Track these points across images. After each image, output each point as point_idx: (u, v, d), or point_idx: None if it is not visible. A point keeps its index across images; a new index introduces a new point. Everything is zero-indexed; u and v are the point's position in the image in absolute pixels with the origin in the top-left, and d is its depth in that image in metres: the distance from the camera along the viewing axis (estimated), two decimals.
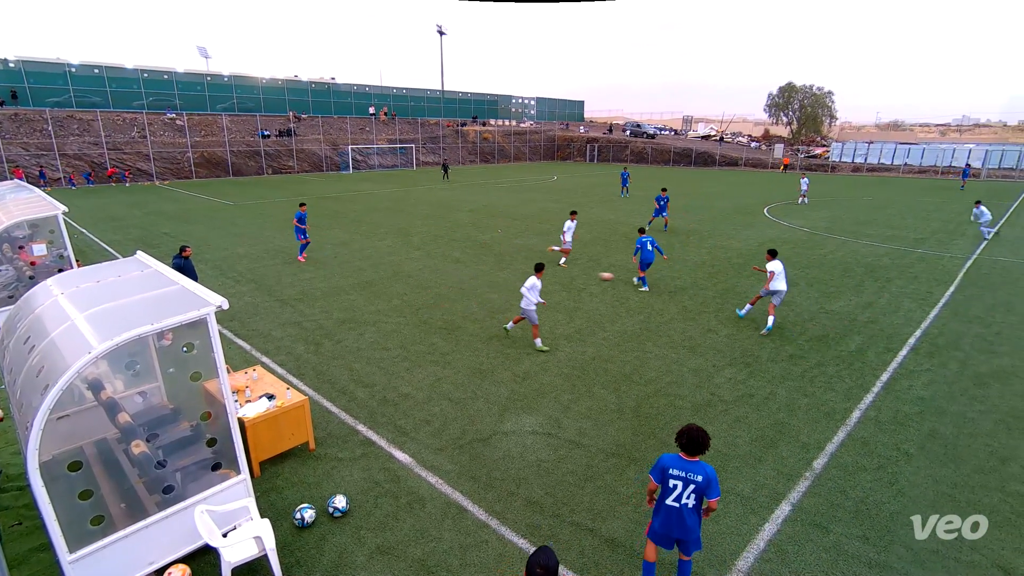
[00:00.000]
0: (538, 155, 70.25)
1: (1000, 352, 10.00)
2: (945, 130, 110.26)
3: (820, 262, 16.89)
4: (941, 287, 14.19)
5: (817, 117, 79.96)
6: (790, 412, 7.87)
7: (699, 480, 4.40)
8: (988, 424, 7.57)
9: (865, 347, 10.21)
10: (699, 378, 8.89)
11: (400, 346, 10.16)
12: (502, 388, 8.55)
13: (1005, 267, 16.50)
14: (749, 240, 20.14)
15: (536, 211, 26.90)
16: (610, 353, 9.85)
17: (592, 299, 12.95)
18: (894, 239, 20.78)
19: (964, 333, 10.95)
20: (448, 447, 7.05)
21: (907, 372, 9.17)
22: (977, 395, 8.39)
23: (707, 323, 11.40)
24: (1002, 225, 23.88)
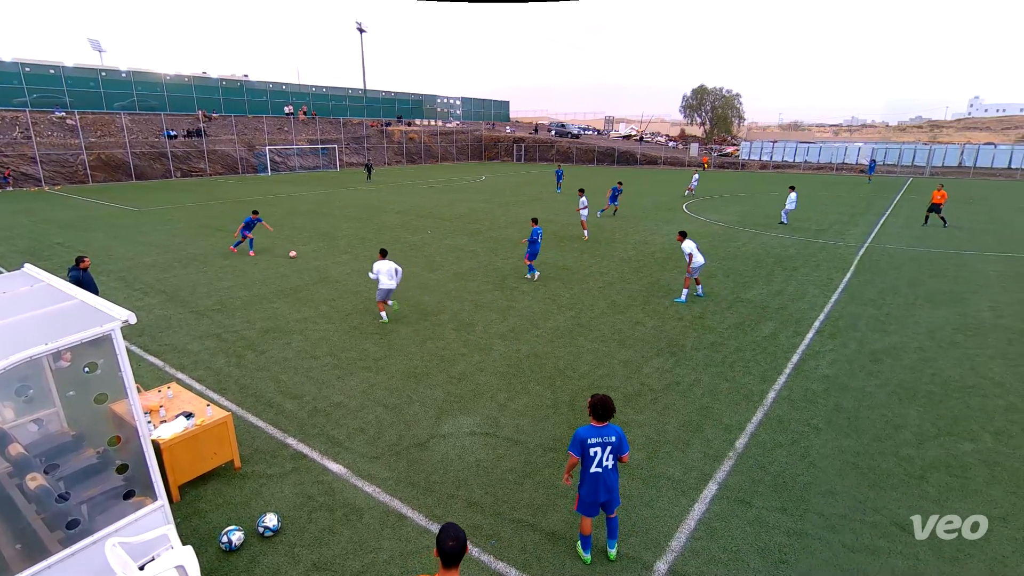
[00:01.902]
0: (465, 155, 70.06)
1: (890, 331, 11.07)
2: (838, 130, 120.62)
3: (735, 254, 17.96)
4: (839, 274, 15.50)
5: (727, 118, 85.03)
6: (713, 397, 8.33)
7: (613, 440, 4.92)
8: (883, 396, 8.36)
9: (777, 332, 10.98)
10: (629, 369, 9.21)
11: (330, 354, 9.82)
12: (438, 391, 8.46)
13: (891, 254, 18.28)
14: (670, 235, 21.09)
15: (466, 211, 26.83)
16: (544, 350, 9.99)
17: (524, 297, 13.09)
18: (798, 231, 22.46)
19: (860, 315, 12.02)
20: (384, 454, 6.89)
21: (814, 353, 9.95)
22: (873, 370, 9.24)
23: (635, 316, 11.83)
24: (888, 216, 26.42)
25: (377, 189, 37.19)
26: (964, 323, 11.54)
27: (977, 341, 10.55)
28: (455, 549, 3.25)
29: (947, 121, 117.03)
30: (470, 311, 12.06)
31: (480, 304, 12.54)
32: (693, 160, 63.92)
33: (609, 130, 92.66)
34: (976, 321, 11.66)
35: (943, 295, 13.54)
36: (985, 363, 9.54)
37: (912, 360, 9.65)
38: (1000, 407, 8.05)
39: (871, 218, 25.98)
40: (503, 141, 72.24)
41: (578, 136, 73.62)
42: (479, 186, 39.64)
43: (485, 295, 13.20)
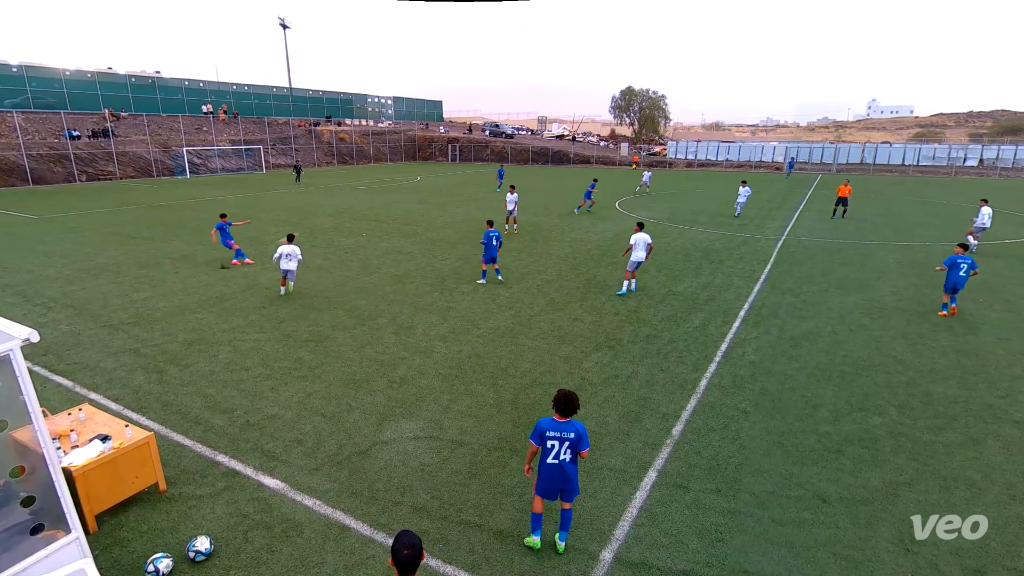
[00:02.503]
0: (399, 155, 68.90)
1: (807, 317, 11.88)
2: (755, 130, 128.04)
3: (665, 249, 18.69)
4: (761, 265, 16.47)
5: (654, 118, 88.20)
6: (650, 387, 8.63)
7: (572, 436, 5.01)
8: (802, 378, 8.96)
9: (707, 322, 11.52)
10: (569, 365, 9.37)
11: (262, 364, 9.38)
12: (378, 396, 8.28)
13: (805, 246, 19.61)
14: (604, 232, 21.66)
15: (401, 212, 26.40)
16: (485, 350, 10.00)
17: (464, 298, 13.03)
18: (723, 225, 23.67)
19: (780, 303, 12.82)
20: (324, 465, 6.66)
21: (740, 341, 10.52)
22: (793, 354, 9.89)
23: (573, 312, 12.06)
24: (802, 210, 28.33)
25: (307, 191, 35.88)
26: (870, 307, 12.55)
27: (881, 323, 11.52)
28: (410, 557, 3.19)
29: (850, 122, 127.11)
30: (409, 314, 11.87)
31: (419, 306, 12.37)
32: (624, 159, 65.89)
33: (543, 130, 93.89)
34: (880, 305, 12.72)
35: (851, 282, 14.68)
36: (888, 343, 10.43)
37: (826, 343, 10.40)
38: (902, 382, 8.82)
39: (787, 212, 27.76)
40: (437, 141, 71.61)
41: (512, 136, 74.12)
42: (414, 187, 39.10)
43: (424, 297, 13.05)
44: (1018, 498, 6.08)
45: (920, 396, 8.37)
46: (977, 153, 58.28)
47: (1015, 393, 8.44)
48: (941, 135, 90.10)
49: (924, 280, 14.91)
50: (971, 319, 11.74)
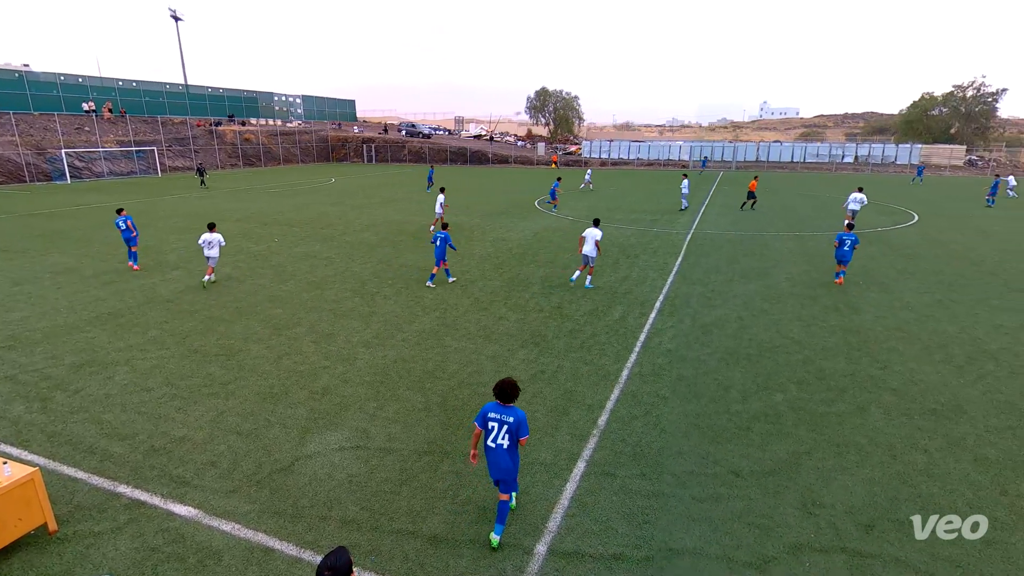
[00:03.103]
0: (311, 157, 66.11)
1: (716, 305, 12.70)
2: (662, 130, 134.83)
3: None
4: (672, 258, 17.39)
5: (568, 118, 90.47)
6: (576, 380, 8.86)
7: (511, 421, 5.20)
8: (714, 363, 9.57)
9: (626, 314, 12.00)
10: (497, 364, 9.43)
11: (166, 383, 8.68)
12: (299, 409, 7.91)
13: (711, 238, 20.94)
14: (525, 231, 21.97)
15: (316, 216, 25.36)
16: (411, 353, 9.84)
17: (387, 302, 12.75)
18: (637, 221, 24.74)
19: (691, 293, 13.61)
20: (243, 486, 6.27)
21: (657, 331, 11.06)
22: (705, 341, 10.53)
23: (498, 311, 12.14)
24: (707, 205, 30.20)
25: (211, 196, 33.56)
26: (769, 293, 13.62)
27: (779, 308, 12.53)
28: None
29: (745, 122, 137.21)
30: (329, 321, 11.44)
31: (340, 313, 11.96)
32: (541, 158, 67.13)
33: (460, 130, 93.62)
34: (777, 291, 13.83)
35: (753, 271, 15.85)
36: (787, 325, 11.37)
37: (734, 328, 11.17)
38: (799, 361, 9.65)
39: (694, 208, 29.49)
40: (351, 141, 69.46)
41: (430, 136, 73.34)
42: (328, 189, 37.69)
43: (345, 303, 12.62)
44: (898, 457, 6.84)
45: (815, 372, 9.19)
46: (853, 151, 64.92)
47: (891, 364, 9.49)
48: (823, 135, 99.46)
49: (813, 266, 16.38)
50: (854, 300, 13.05)
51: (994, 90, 68.35)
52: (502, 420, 5.22)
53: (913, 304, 12.73)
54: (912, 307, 12.52)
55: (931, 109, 72.91)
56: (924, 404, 8.12)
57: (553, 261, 16.92)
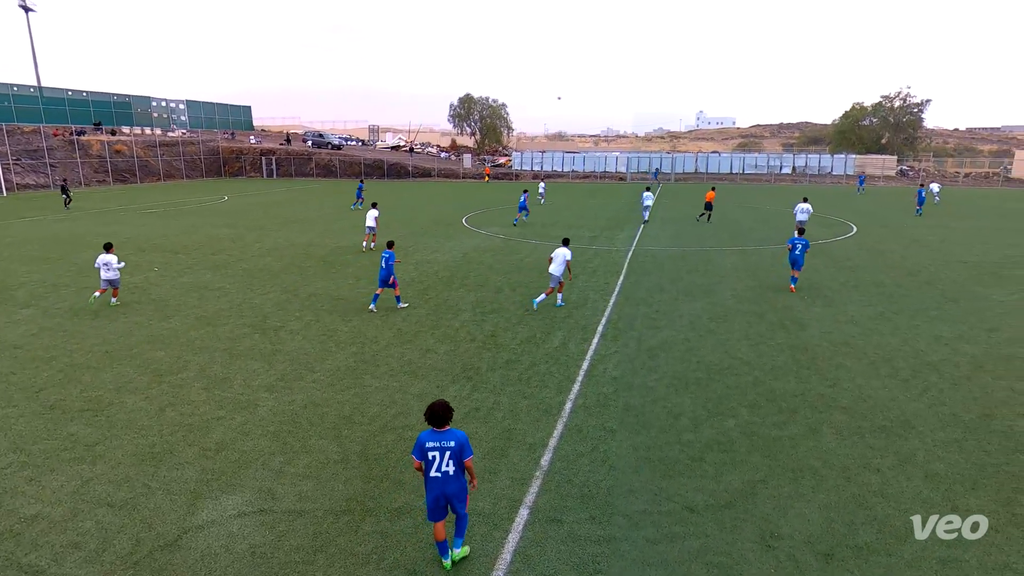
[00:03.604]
0: (198, 171, 63.30)
1: (661, 326, 13.17)
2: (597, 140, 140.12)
3: (519, 266, 19.49)
4: (614, 277, 17.94)
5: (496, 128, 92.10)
6: (515, 417, 8.86)
7: (452, 445, 5.38)
8: (662, 389, 9.88)
9: (567, 340, 12.20)
10: (425, 403, 9.21)
11: (14, 448, 7.87)
12: (188, 470, 7.40)
13: (654, 255, 21.82)
14: (453, 252, 21.97)
15: (205, 240, 24.20)
16: (324, 396, 9.50)
17: (294, 337, 12.29)
18: (574, 239, 25.29)
19: (635, 315, 14.06)
20: (116, 570, 5.74)
21: (601, 357, 11.30)
22: (652, 366, 10.87)
23: (425, 343, 11.99)
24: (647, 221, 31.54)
25: (73, 218, 31.28)
26: (715, 311, 14.31)
27: (726, 326, 13.18)
28: None
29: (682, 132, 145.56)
30: (224, 363, 10.86)
31: (237, 352, 11.39)
32: (468, 171, 67.77)
33: (375, 140, 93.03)
34: (724, 309, 14.56)
35: (698, 288, 16.62)
36: (735, 345, 11.96)
37: (681, 351, 11.62)
38: (749, 383, 10.15)
39: (634, 223, 30.67)
40: (247, 153, 67.27)
41: (340, 147, 72.36)
42: (221, 208, 36.16)
43: (243, 340, 12.04)
44: (852, 479, 7.29)
45: (765, 394, 9.69)
46: (790, 161, 70.25)
47: (840, 381, 10.18)
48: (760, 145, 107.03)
49: (759, 281, 17.41)
50: (800, 316, 13.95)
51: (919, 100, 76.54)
52: (442, 446, 5.38)
53: (857, 318, 13.77)
54: (856, 321, 13.54)
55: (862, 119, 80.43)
56: (874, 421, 8.74)
57: (485, 284, 16.99)
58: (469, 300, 15.25)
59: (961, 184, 62.59)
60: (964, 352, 11.52)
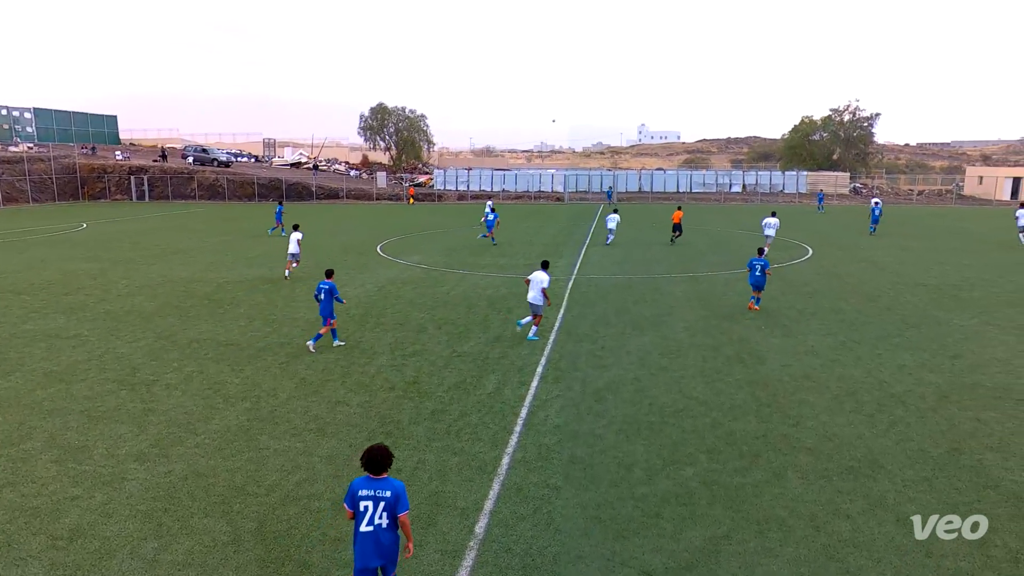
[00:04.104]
0: (48, 194, 59.94)
1: (608, 364, 13.39)
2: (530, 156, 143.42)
3: (444, 300, 19.42)
4: (554, 311, 18.16)
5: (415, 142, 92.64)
6: (443, 478, 8.70)
7: (387, 496, 5.43)
8: (611, 436, 9.99)
9: (502, 385, 12.17)
10: (335, 465, 8.98)
11: None
12: (33, 566, 6.80)
13: (597, 284, 22.30)
14: (366, 285, 21.67)
15: (56, 277, 22.81)
16: (210, 464, 9.03)
17: (172, 393, 11.69)
18: (508, 267, 25.60)
19: (579, 352, 14.24)
20: None
21: (541, 402, 11.33)
22: (599, 410, 10.99)
23: (334, 394, 11.68)
24: (588, 245, 32.28)
25: None
26: (666, 346, 14.71)
27: (679, 362, 13.56)
28: None
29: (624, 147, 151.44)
30: (81, 428, 10.18)
31: (98, 415, 10.70)
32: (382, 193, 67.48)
33: (271, 156, 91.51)
34: (675, 343, 15.00)
35: (646, 320, 17.07)
36: (689, 383, 12.31)
37: (630, 392, 11.82)
38: (707, 425, 10.44)
39: (573, 248, 31.34)
40: (113, 172, 64.50)
41: (229, 164, 70.66)
42: (78, 239, 34.31)
43: (105, 399, 11.34)
44: (821, 528, 7.57)
45: (724, 437, 9.98)
46: (740, 179, 74.18)
47: (803, 419, 10.63)
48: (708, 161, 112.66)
49: (712, 311, 18.08)
50: (757, 348, 14.55)
51: (869, 114, 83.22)
52: (377, 496, 5.43)
53: (817, 348, 14.51)
54: (817, 351, 14.26)
55: (812, 134, 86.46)
56: (841, 462, 9.15)
57: (405, 322, 16.81)
58: (386, 341, 15.04)
59: (915, 202, 67.86)
60: (928, 382, 12.32)
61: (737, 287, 21.52)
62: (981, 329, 16.13)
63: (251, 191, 64.21)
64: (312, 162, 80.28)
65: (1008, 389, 11.94)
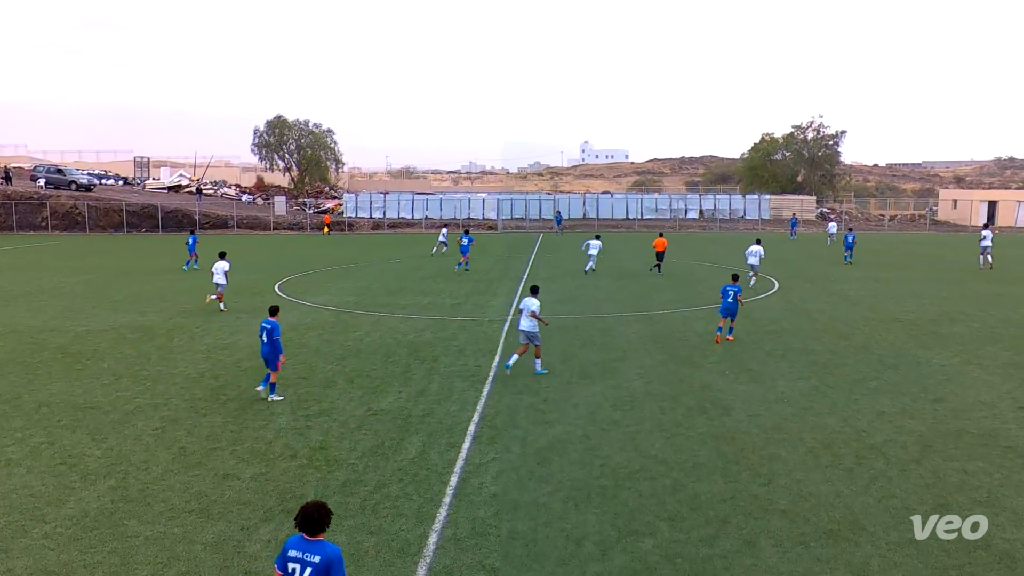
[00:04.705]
0: None
1: (552, 420, 13.44)
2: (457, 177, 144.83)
3: (357, 348, 19.18)
4: (487, 358, 18.16)
5: (320, 161, 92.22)
6: (357, 564, 8.46)
7: (316, 562, 5.45)
8: (558, 506, 9.97)
9: (427, 449, 12.02)
10: (223, 554, 8.67)
11: None
12: None
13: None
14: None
15: None
16: (63, 558, 8.54)
17: (14, 470, 11.16)
18: (431, 308, 25.52)
19: (518, 406, 14.25)
20: None
21: (475, 468, 11.23)
22: (542, 475, 10.97)
23: (222, 465, 11.32)
24: (527, 281, 32.60)
25: None
26: (619, 397, 14.90)
27: (634, 415, 13.74)
28: None
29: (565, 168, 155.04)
30: None
31: None
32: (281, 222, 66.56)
33: (143, 178, 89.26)
34: (629, 393, 15.21)
35: (595, 367, 17.27)
36: (646, 439, 12.46)
37: (579, 452, 11.87)
38: (667, 487, 10.55)
39: (510, 284, 31.59)
40: None
41: (91, 188, 68.42)
42: None
43: None
44: None
45: (688, 501, 10.11)
46: (696, 203, 76.87)
47: (776, 477, 10.89)
48: (659, 183, 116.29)
49: (670, 355, 18.47)
50: (722, 396, 14.92)
51: (834, 132, 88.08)
52: (305, 560, 5.48)
53: (789, 394, 14.99)
54: (788, 398, 14.73)
55: (773, 153, 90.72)
56: (819, 525, 9.39)
57: (309, 375, 16.51)
58: (287, 399, 14.70)
59: (887, 228, 71.76)
60: (910, 429, 12.88)
61: (697, 327, 22.12)
62: (963, 369, 17.03)
63: (118, 220, 62.26)
64: (195, 185, 78.76)
65: (994, 435, 12.60)
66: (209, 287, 25.28)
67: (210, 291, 24.91)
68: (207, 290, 25.70)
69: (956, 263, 40.14)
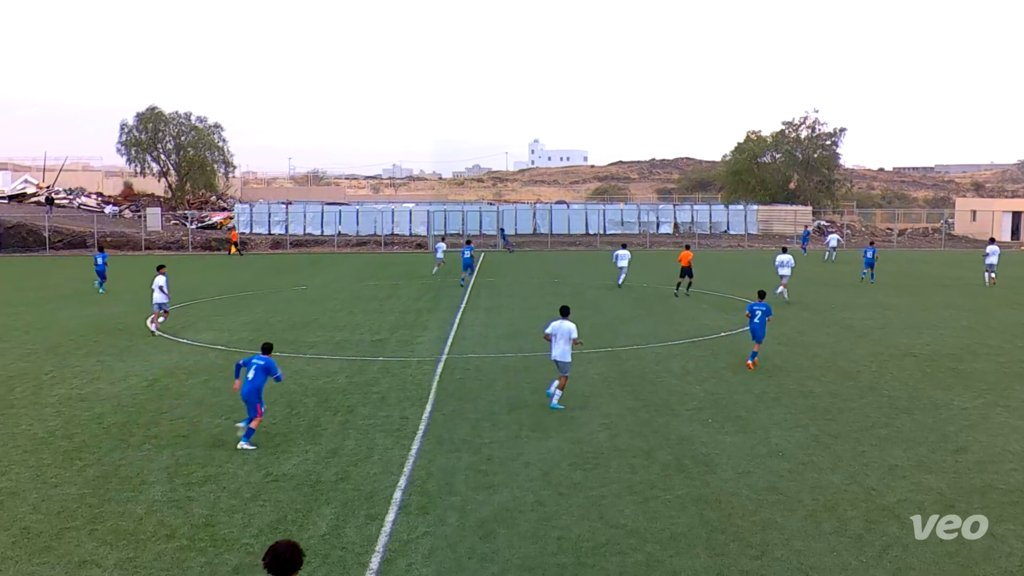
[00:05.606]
0: None
1: (497, 484, 13.37)
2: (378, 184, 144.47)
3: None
4: (416, 408, 18.02)
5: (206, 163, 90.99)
6: None
7: None
8: None
9: (341, 523, 11.82)
10: None
11: None
12: None
13: (478, 366, 22.43)
14: (132, 378, 20.78)
15: None
16: None
17: None
18: (346, 346, 25.26)
19: (455, 467, 14.14)
20: None
21: (401, 545, 11.08)
22: (487, 553, 10.87)
23: (78, 550, 11.01)
24: (464, 310, 32.55)
25: None
26: (580, 453, 14.91)
27: (599, 475, 13.75)
28: None
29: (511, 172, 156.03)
30: None
31: None
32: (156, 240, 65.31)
33: None
34: (593, 447, 15.23)
35: (550, 417, 17.28)
36: (613, 505, 12.47)
37: (532, 523, 11.81)
38: (640, 564, 10.56)
39: (444, 315, 31.47)
40: None
41: None
42: None
43: None
44: None
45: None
46: (670, 215, 78.02)
47: (770, 548, 11.00)
48: (626, 191, 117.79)
49: (641, 400, 18.59)
50: (704, 450, 15.05)
51: (832, 130, 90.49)
52: None
53: (784, 447, 15.21)
54: (783, 452, 14.93)
55: (761, 155, 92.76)
56: None
57: (192, 432, 16.14)
58: (162, 463, 14.32)
59: (896, 244, 73.93)
60: (928, 487, 13.16)
61: (672, 365, 22.36)
62: (988, 412, 17.52)
63: None
64: (45, 193, 76.85)
65: None
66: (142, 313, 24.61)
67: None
68: (47, 328, 24.90)
69: (978, 286, 41.34)
